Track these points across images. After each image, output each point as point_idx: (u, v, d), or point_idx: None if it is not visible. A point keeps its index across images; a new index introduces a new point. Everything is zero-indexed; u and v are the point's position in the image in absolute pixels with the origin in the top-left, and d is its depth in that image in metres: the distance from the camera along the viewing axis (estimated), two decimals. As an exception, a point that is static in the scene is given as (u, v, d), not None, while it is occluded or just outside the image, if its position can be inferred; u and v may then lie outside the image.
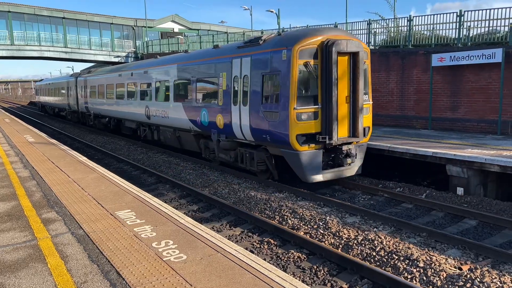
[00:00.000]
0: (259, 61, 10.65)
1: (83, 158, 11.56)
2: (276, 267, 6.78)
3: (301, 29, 10.65)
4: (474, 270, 6.25)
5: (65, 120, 36.84)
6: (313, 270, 6.64)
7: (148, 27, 47.34)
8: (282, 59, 9.88)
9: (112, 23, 45.84)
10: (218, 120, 12.54)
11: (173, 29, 50.15)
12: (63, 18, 42.33)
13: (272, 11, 35.52)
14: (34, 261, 4.64)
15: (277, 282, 3.99)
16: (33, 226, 5.84)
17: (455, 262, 6.55)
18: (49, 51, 40.42)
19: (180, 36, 43.17)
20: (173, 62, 15.76)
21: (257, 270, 4.25)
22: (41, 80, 52.24)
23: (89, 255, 4.77)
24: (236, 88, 11.60)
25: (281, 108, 9.92)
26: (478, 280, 5.94)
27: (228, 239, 7.91)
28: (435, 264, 6.48)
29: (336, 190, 11.31)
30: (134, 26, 47.41)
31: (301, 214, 9.07)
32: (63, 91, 33.40)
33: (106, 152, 18.37)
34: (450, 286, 5.90)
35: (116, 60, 43.64)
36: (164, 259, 4.59)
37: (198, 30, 51.56)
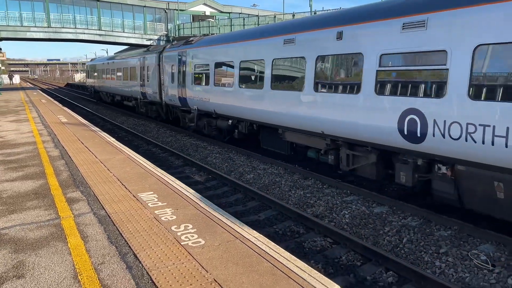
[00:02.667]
0: None
1: (112, 139, 11.72)
2: (299, 254, 6.66)
3: None
4: (507, 267, 5.90)
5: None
6: (337, 260, 6.47)
7: (180, 10, 47.44)
8: None
9: (145, 6, 46.22)
10: None
11: (205, 12, 50.05)
12: (98, 1, 43.00)
13: (304, -6, 34.73)
14: (55, 240, 4.69)
15: (295, 272, 3.85)
16: (58, 205, 5.92)
17: (487, 258, 6.21)
18: (84, 33, 41.28)
19: (211, 20, 43.09)
20: None
21: (275, 258, 4.12)
22: (94, 59, 40.93)
23: (108, 236, 4.78)
24: None
25: None
26: (512, 278, 5.60)
27: (251, 224, 7.83)
28: (466, 260, 6.17)
29: (364, 179, 10.98)
30: (166, 9, 47.62)
31: (326, 202, 8.87)
32: (133, 73, 23.92)
33: (136, 134, 18.64)
34: (481, 283, 5.60)
35: (148, 43, 44.09)
36: (182, 243, 4.53)
37: (229, 13, 51.26)
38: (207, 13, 50.00)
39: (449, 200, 7.41)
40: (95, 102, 37.71)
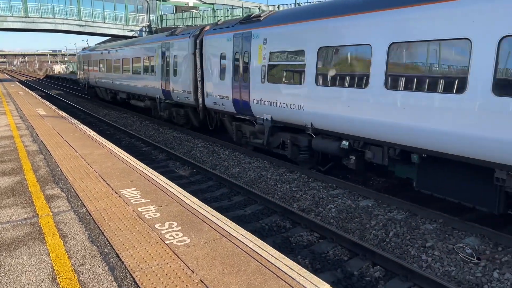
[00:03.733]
0: None
1: (92, 133, 11.41)
2: (286, 250, 6.59)
3: None
4: (492, 261, 5.94)
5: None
6: (324, 255, 6.41)
7: (163, 0, 46.62)
8: None
9: (126, -4, 45.25)
10: None
11: (188, 3, 49.32)
12: (77, -10, 41.85)
13: (289, -15, 34.55)
14: (33, 240, 4.48)
15: (283, 271, 3.75)
16: (36, 202, 5.69)
17: (473, 251, 6.24)
18: (63, 23, 40.22)
19: (194, 11, 42.52)
20: None
21: (263, 257, 4.01)
22: (87, 47, 34.09)
23: (89, 235, 4.59)
24: None
25: None
26: (498, 271, 5.64)
27: (237, 219, 7.73)
28: (452, 253, 6.19)
29: (350, 172, 10.97)
30: (148, -1, 46.72)
31: (312, 196, 8.81)
32: (150, 65, 18.28)
33: (118, 127, 18.27)
34: (467, 276, 5.62)
35: (130, 34, 43.27)
36: (166, 242, 4.38)
37: (213, 4, 50.66)
38: (190, 4, 49.30)
39: None
40: (75, 95, 36.82)
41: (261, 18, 11.25)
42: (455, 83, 6.52)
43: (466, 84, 6.29)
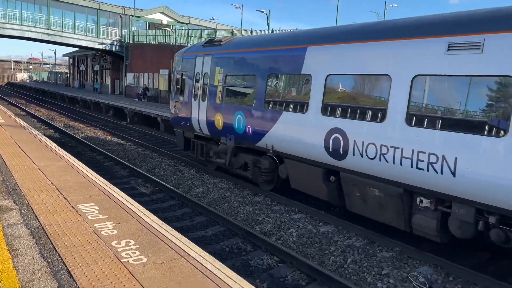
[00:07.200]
0: None
1: (53, 145, 11.04)
2: (245, 273, 6.53)
3: None
4: (444, 290, 6.12)
5: (40, 102, 34.50)
6: (282, 279, 6.40)
7: (136, 16, 46.49)
8: None
9: (99, 9, 44.86)
10: None
11: (162, 20, 49.39)
12: (48, -2, 41.13)
13: (262, 11, 35.35)
14: (-22, 253, 4.24)
15: (240, 294, 3.72)
16: (-15, 214, 5.41)
17: (425, 280, 6.41)
18: (31, 31, 39.19)
19: (168, 28, 42.58)
20: None
21: (221, 279, 3.97)
22: (228, 38, 11.87)
23: (40, 250, 4.40)
24: None
25: None
26: (448, 300, 5.81)
27: (198, 240, 7.61)
28: (406, 281, 6.34)
29: (312, 197, 11.07)
30: (122, 14, 46.50)
31: (275, 219, 8.83)
32: None
33: (80, 139, 17.75)
34: (420, 305, 5.75)
35: (100, 47, 42.69)
36: (122, 260, 4.26)
37: (187, 24, 50.94)
38: (164, 22, 49.36)
39: None
40: (41, 106, 35.40)
41: None
42: None
43: None
